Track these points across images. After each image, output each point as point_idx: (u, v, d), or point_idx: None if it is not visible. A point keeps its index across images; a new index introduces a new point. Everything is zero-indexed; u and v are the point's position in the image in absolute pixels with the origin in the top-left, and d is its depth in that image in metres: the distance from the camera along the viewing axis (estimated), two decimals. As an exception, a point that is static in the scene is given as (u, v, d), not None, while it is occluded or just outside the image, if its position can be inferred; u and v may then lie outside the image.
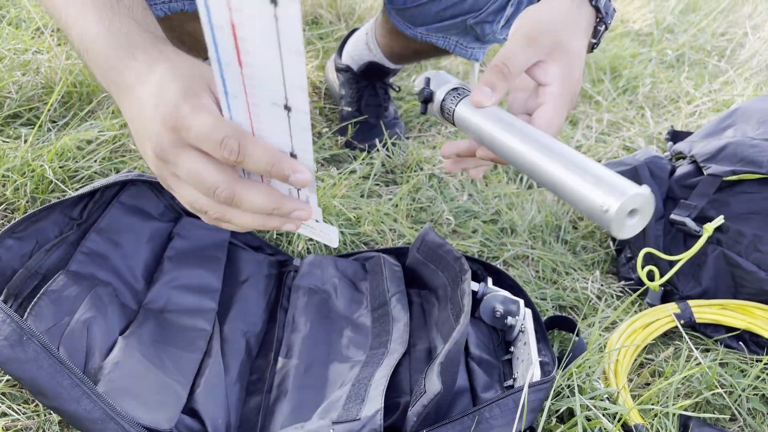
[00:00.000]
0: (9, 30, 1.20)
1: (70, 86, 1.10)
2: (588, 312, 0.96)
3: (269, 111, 0.45)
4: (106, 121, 1.05)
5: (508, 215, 1.10)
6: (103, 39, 0.54)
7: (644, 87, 1.64)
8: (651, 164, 1.05)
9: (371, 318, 0.78)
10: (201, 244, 0.81)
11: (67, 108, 1.09)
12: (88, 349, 0.61)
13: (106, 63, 0.54)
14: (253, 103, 0.45)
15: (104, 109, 1.11)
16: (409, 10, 0.96)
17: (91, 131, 1.01)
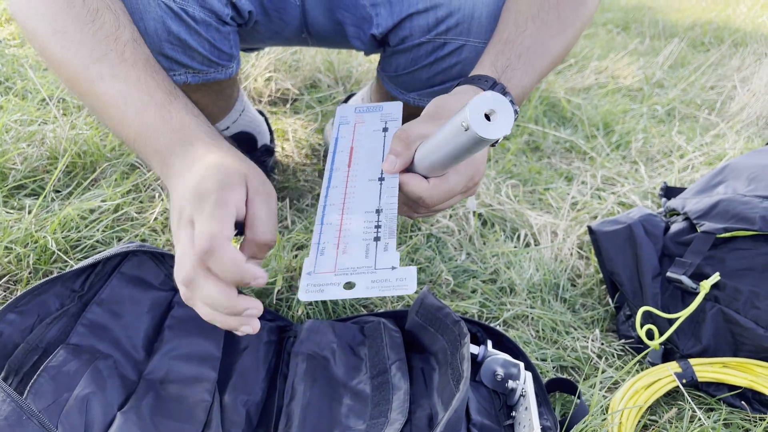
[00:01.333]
0: (15, 101, 1.24)
1: (74, 156, 1.13)
2: (589, 372, 0.96)
3: (365, 186, 0.66)
4: (109, 189, 1.07)
5: (506, 274, 1.11)
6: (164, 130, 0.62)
7: (637, 142, 1.67)
8: (645, 222, 1.06)
9: (371, 386, 0.78)
10: (201, 312, 0.82)
11: (71, 177, 1.11)
12: (87, 427, 0.61)
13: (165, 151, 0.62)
14: (351, 185, 0.67)
15: (107, 178, 1.13)
16: (401, 77, 0.99)
17: (93, 200, 1.03)
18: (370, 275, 0.57)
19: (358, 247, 0.60)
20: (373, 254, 0.59)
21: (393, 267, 0.58)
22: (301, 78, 1.64)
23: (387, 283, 0.57)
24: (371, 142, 0.72)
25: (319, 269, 0.57)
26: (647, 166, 1.59)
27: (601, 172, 1.51)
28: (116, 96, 0.64)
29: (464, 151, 0.55)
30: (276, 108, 1.56)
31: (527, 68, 0.76)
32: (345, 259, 0.58)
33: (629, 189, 1.44)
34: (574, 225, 1.29)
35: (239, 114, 1.18)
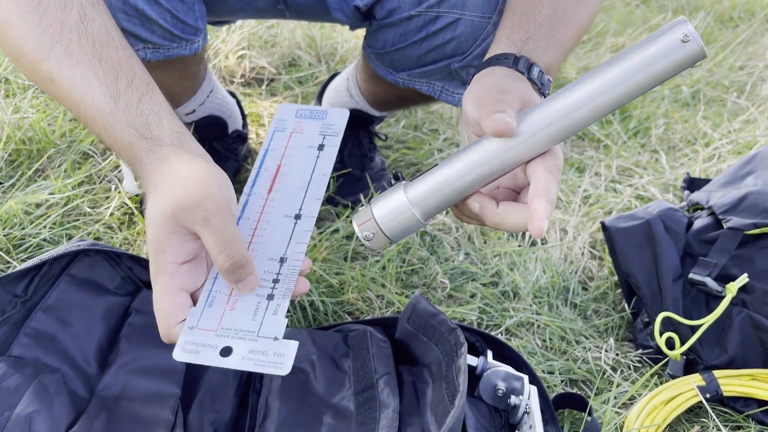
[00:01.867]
0: (-49, 82, 1.23)
1: (18, 143, 1.12)
2: (602, 386, 0.96)
3: (278, 223, 0.67)
4: (58, 181, 1.06)
5: (509, 277, 1.11)
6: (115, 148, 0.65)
7: (657, 128, 1.67)
8: (665, 218, 1.07)
9: (355, 402, 0.77)
10: (163, 320, 0.81)
11: (14, 167, 1.11)
12: (29, 451, 0.60)
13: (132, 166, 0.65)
14: (264, 220, 0.67)
15: (56, 168, 1.13)
16: (389, 55, 0.98)
17: (40, 193, 1.02)
18: (250, 343, 0.59)
19: (248, 304, 0.62)
20: (261, 316, 0.61)
21: (275, 338, 0.60)
22: (278, 55, 1.64)
23: (263, 357, 0.59)
24: (301, 164, 0.72)
25: (202, 325, 0.60)
26: (668, 155, 1.59)
27: (617, 161, 1.52)
28: (67, 99, 0.65)
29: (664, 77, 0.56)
30: (250, 89, 1.56)
31: (551, 38, 0.74)
32: (231, 318, 0.61)
33: (648, 181, 1.45)
34: (586, 221, 1.30)
35: (207, 95, 1.17)
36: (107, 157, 1.17)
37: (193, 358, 0.58)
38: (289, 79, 1.58)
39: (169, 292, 0.60)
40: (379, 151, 1.35)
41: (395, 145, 1.46)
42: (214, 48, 1.58)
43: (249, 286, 0.62)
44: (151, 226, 0.60)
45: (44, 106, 1.25)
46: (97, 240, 1.02)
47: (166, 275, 0.60)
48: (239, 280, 0.61)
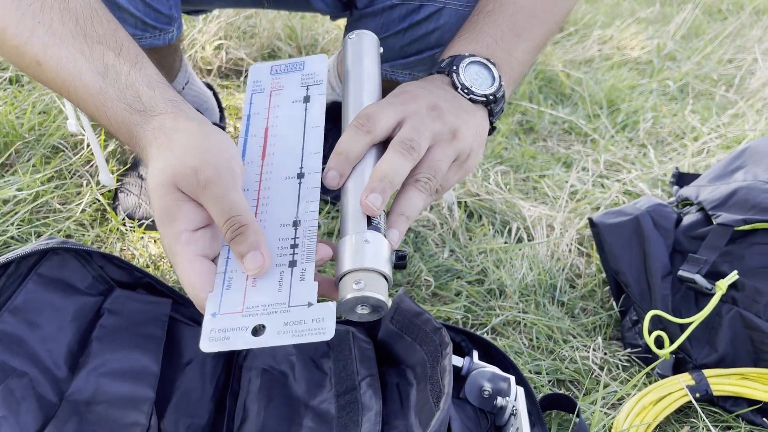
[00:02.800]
0: None
1: (-17, 136, 1.10)
2: (590, 386, 0.96)
3: (281, 187, 0.63)
4: (26, 176, 1.04)
5: (495, 274, 1.11)
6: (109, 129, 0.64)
7: (645, 122, 1.68)
8: (654, 213, 1.07)
9: (336, 405, 0.77)
10: (136, 321, 0.80)
11: (-20, 162, 1.09)
12: (-5, 459, 0.59)
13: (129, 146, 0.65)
14: (265, 188, 0.63)
15: (24, 162, 1.11)
16: (372, 45, 0.97)
17: (7, 189, 1.00)
18: (283, 315, 0.56)
19: (270, 276, 0.58)
20: (288, 285, 0.57)
21: (309, 303, 0.56)
22: (257, 46, 1.62)
23: (301, 327, 0.55)
24: (290, 121, 0.68)
25: (225, 309, 0.56)
26: (657, 149, 1.60)
27: (605, 156, 1.52)
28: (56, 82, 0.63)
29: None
30: (227, 81, 1.54)
31: (517, 39, 0.74)
32: (255, 295, 0.57)
33: (636, 176, 1.45)
34: (573, 217, 1.30)
35: (182, 87, 1.16)
36: (78, 151, 1.15)
37: (223, 345, 0.54)
38: (268, 71, 1.57)
39: (190, 261, 0.57)
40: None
41: (378, 139, 1.45)
42: (190, 38, 1.56)
43: (254, 262, 0.56)
44: (156, 197, 0.58)
45: (11, 98, 1.23)
46: (68, 238, 1.00)
47: (182, 244, 0.57)
48: (242, 254, 0.57)
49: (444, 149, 0.64)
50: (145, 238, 1.07)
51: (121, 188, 1.12)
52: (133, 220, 1.08)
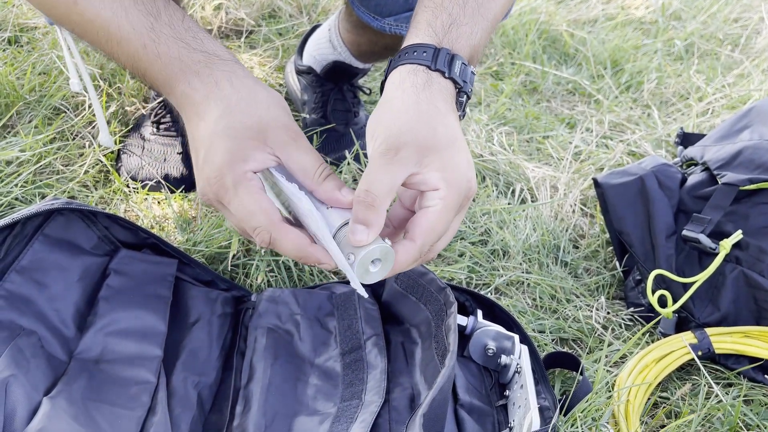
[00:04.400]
0: None
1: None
2: (593, 345, 0.97)
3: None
4: (29, 137, 1.04)
5: (499, 235, 1.11)
6: (156, 66, 0.63)
7: (650, 83, 1.66)
8: (659, 173, 1.07)
9: (342, 363, 0.78)
10: (142, 281, 0.81)
11: (-18, 123, 1.08)
12: (7, 416, 0.60)
13: (168, 89, 0.64)
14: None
15: (25, 123, 1.10)
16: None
17: (9, 150, 1.00)
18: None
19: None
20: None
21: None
22: (257, 6, 1.60)
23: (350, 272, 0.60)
24: None
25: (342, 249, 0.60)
26: (661, 110, 1.59)
27: (609, 117, 1.51)
28: (92, 22, 0.63)
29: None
30: (227, 42, 1.53)
31: (475, 18, 0.70)
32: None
33: (640, 136, 1.45)
34: (577, 178, 1.29)
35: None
36: (80, 112, 1.15)
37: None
38: (269, 31, 1.55)
39: (258, 193, 0.60)
40: (363, 106, 1.33)
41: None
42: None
43: (349, 193, 0.62)
44: (231, 134, 0.60)
45: (11, 58, 1.22)
46: (72, 199, 1.00)
47: (249, 180, 0.60)
48: (340, 186, 0.62)
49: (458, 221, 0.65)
50: (149, 199, 1.07)
51: (123, 149, 1.12)
52: (136, 181, 1.08)
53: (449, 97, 0.66)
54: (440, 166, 0.61)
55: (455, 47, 0.67)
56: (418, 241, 0.60)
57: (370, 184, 0.59)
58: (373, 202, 0.59)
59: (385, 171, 0.60)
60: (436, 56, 0.65)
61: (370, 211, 0.59)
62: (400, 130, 0.61)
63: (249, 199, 0.59)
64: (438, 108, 0.63)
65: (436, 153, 0.61)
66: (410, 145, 0.60)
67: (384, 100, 0.65)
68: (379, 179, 0.59)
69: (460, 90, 0.67)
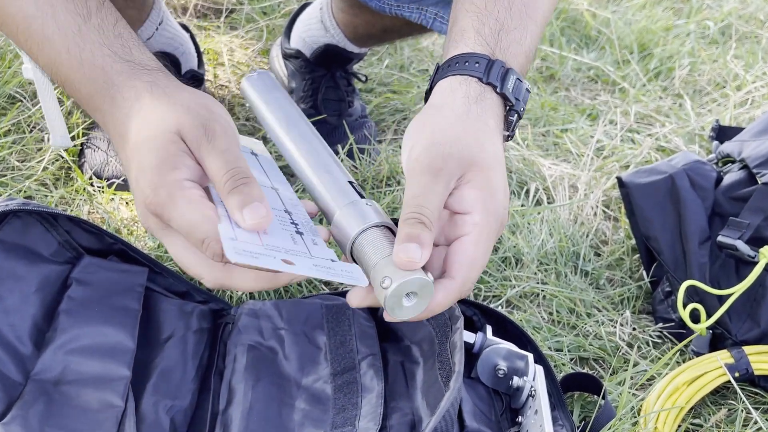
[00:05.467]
0: None
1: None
2: (617, 365, 0.97)
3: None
4: (-20, 130, 1.04)
5: (511, 241, 1.12)
6: (77, 75, 0.63)
7: (681, 69, 1.67)
8: (691, 172, 1.07)
9: (332, 385, 0.78)
10: (108, 292, 0.81)
11: (-72, 114, 1.08)
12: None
13: (91, 104, 0.64)
14: None
15: (-23, 114, 1.10)
16: (372, -26, 0.97)
17: (-41, 144, 1.00)
18: (309, 259, 0.58)
19: (281, 232, 0.60)
20: (303, 244, 0.60)
21: (332, 260, 0.59)
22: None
23: (333, 270, 0.58)
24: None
25: (243, 238, 0.56)
26: (694, 100, 1.59)
27: (635, 107, 1.52)
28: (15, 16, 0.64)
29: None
30: (205, 21, 1.53)
31: (525, 22, 0.70)
32: (270, 239, 0.58)
33: (671, 130, 1.45)
34: (600, 177, 1.30)
35: (156, 28, 1.15)
36: (37, 102, 1.15)
37: (253, 260, 0.54)
38: (252, 10, 1.55)
39: (196, 201, 0.57)
40: (358, 95, 1.33)
41: (378, 88, 1.45)
42: (163, -28, 1.54)
43: (255, 212, 0.57)
44: (153, 146, 0.59)
45: (-39, 40, 1.22)
46: (29, 199, 1.00)
47: (186, 189, 0.58)
48: (242, 204, 0.57)
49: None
50: (116, 199, 1.07)
51: (87, 144, 1.12)
52: (101, 180, 1.08)
53: (499, 115, 0.67)
54: (481, 185, 0.61)
55: (508, 58, 0.68)
56: (458, 278, 0.59)
57: (420, 205, 0.59)
58: (424, 220, 0.58)
59: (431, 188, 0.60)
60: (489, 68, 0.66)
61: (424, 230, 0.58)
62: (447, 139, 0.62)
63: (188, 207, 0.57)
64: (488, 125, 0.65)
65: (479, 171, 0.61)
66: (455, 158, 0.61)
67: (431, 105, 0.67)
68: (426, 197, 0.60)
69: (511, 108, 0.68)
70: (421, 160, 0.62)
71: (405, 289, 0.57)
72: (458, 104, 0.65)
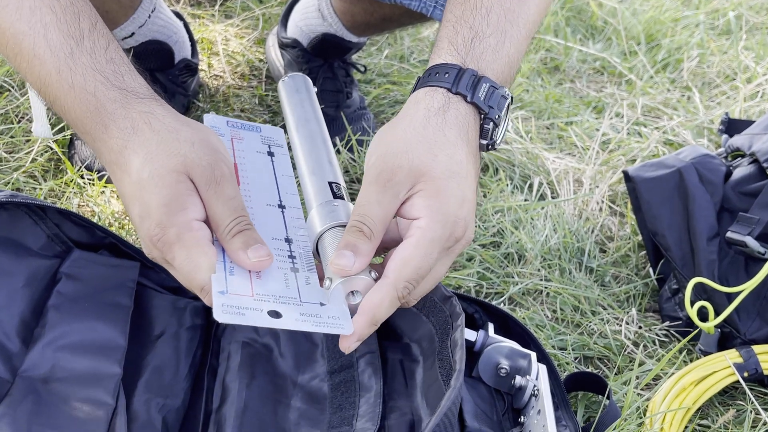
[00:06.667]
0: None
1: None
2: (622, 365, 0.97)
3: (263, 211, 0.70)
4: (-33, 120, 1.04)
5: (514, 236, 1.12)
6: (68, 98, 0.64)
7: (690, 61, 1.67)
8: (700, 166, 1.07)
9: (330, 384, 0.78)
10: (99, 287, 0.81)
11: None
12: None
13: (80, 126, 0.65)
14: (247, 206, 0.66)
15: (-36, 104, 1.10)
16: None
17: (-55, 135, 1.00)
18: (297, 307, 0.61)
19: (275, 274, 0.63)
20: (295, 286, 0.63)
21: (321, 303, 0.62)
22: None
23: (318, 319, 0.60)
24: (257, 166, 0.76)
25: (233, 290, 0.60)
26: (703, 92, 1.59)
27: (642, 100, 1.52)
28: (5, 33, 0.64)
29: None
30: (200, 9, 1.53)
31: (504, 27, 0.71)
32: (262, 285, 0.62)
33: (679, 123, 1.45)
34: (606, 171, 1.30)
35: (148, 15, 1.14)
36: (26, 91, 1.15)
37: (239, 319, 0.57)
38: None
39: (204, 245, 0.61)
40: (357, 86, 1.33)
41: (377, 79, 1.45)
42: (156, -41, 1.54)
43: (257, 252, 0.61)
44: (162, 183, 0.61)
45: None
46: (17, 191, 1.00)
47: (194, 230, 0.61)
48: (246, 246, 0.61)
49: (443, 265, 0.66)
50: (107, 192, 1.07)
51: (77, 135, 1.12)
52: (92, 172, 1.08)
53: (467, 126, 0.68)
54: (430, 194, 0.63)
55: (481, 66, 0.69)
56: (390, 276, 0.61)
57: (364, 213, 0.63)
58: (365, 230, 0.62)
59: (378, 198, 0.63)
60: (459, 78, 0.68)
61: (361, 238, 0.62)
62: (398, 150, 0.65)
63: (196, 251, 0.60)
64: (446, 137, 0.66)
65: (429, 181, 0.63)
66: (404, 169, 0.63)
67: (396, 117, 0.69)
68: (372, 207, 0.63)
69: (485, 116, 0.69)
70: (371, 171, 0.65)
71: (345, 289, 0.62)
72: (418, 116, 0.67)
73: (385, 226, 0.63)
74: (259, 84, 1.37)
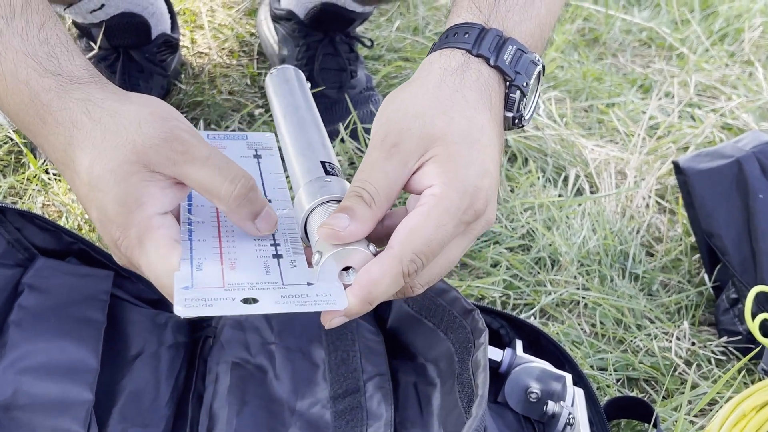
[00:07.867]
0: None
1: None
2: (672, 387, 0.97)
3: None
4: None
5: (546, 238, 1.12)
6: (1, 89, 0.64)
7: (752, 31, 1.66)
8: (762, 155, 1.07)
9: (333, 411, 0.78)
10: (66, 300, 0.81)
11: None
12: None
13: (18, 121, 0.65)
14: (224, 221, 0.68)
15: None
16: None
17: None
18: (278, 290, 0.60)
19: (253, 263, 0.63)
20: (277, 271, 0.62)
21: (309, 283, 0.61)
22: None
23: (304, 299, 0.59)
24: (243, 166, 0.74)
25: (200, 284, 0.59)
26: (767, 68, 1.59)
27: (696, 77, 1.52)
28: None
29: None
30: (181, -24, 1.54)
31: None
32: (236, 275, 0.61)
33: (739, 104, 1.45)
34: (653, 161, 1.30)
35: (121, -16, 1.15)
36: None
37: (206, 311, 0.56)
38: (237, -37, 1.56)
39: (167, 246, 0.60)
40: (363, 64, 1.33)
41: (386, 54, 1.45)
42: None
43: (269, 220, 0.63)
44: (112, 181, 0.61)
45: None
46: (-28, 189, 1.01)
47: (154, 229, 0.61)
48: (256, 213, 0.63)
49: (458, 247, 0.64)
50: (75, 189, 1.08)
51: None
52: (58, 166, 1.08)
53: (489, 90, 0.66)
54: (444, 159, 0.62)
55: (507, 26, 0.68)
56: (395, 248, 0.59)
57: (366, 178, 0.62)
58: (364, 195, 0.61)
59: (382, 164, 0.62)
60: (481, 39, 0.67)
61: (359, 203, 0.60)
62: (407, 112, 0.63)
63: (155, 255, 0.61)
64: (465, 98, 0.65)
65: (443, 146, 0.62)
66: (414, 133, 0.62)
67: (403, 84, 0.68)
68: (374, 173, 0.62)
69: (511, 83, 0.68)
70: (375, 136, 0.64)
71: (338, 263, 0.60)
72: (432, 77, 0.66)
73: (389, 197, 0.62)
74: (250, 62, 1.37)
